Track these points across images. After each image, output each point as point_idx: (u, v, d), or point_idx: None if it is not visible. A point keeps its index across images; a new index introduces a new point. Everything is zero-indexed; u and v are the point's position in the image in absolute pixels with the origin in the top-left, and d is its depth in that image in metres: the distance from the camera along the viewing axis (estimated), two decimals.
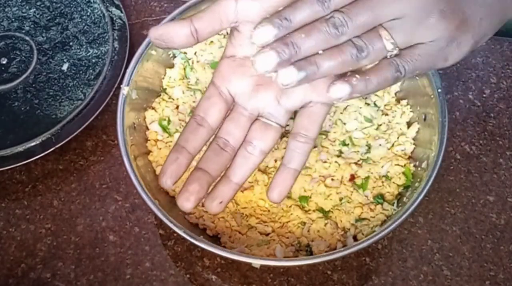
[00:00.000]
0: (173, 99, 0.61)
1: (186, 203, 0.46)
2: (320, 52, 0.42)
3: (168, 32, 0.44)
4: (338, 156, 0.58)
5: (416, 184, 0.55)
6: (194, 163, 0.48)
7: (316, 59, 0.42)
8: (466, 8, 0.43)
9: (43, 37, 0.69)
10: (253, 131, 0.48)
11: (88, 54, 0.68)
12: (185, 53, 0.63)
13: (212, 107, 0.48)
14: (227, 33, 0.63)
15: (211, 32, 0.45)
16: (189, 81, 0.62)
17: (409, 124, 0.60)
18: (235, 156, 0.48)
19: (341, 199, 0.56)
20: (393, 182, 0.57)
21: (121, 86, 0.57)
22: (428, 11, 0.42)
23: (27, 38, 0.69)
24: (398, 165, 0.57)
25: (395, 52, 0.43)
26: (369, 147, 0.59)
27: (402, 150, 0.59)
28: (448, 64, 0.45)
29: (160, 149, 0.59)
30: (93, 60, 0.67)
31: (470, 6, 0.44)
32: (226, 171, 0.48)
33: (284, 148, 0.58)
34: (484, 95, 0.66)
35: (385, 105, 0.61)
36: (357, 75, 0.42)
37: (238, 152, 0.48)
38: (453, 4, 0.43)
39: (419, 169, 0.56)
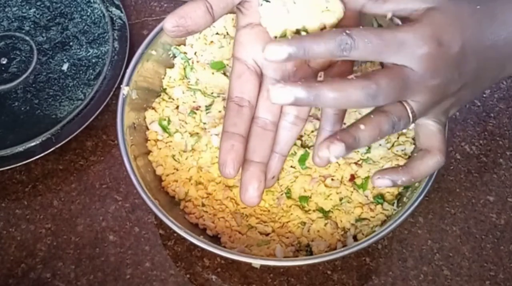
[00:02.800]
0: (173, 99, 0.61)
1: (253, 200, 0.47)
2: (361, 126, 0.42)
3: (186, 14, 0.43)
4: None
5: (416, 184, 0.55)
6: None
7: (358, 132, 0.42)
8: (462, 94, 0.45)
9: (43, 37, 0.69)
10: None
11: (88, 54, 0.68)
12: (185, 53, 0.63)
13: (246, 85, 0.47)
14: (227, 33, 0.63)
15: (224, 8, 0.45)
16: (189, 81, 0.62)
17: None
18: (277, 129, 0.48)
19: (341, 199, 0.56)
20: None
21: (121, 86, 0.57)
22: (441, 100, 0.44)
23: (27, 38, 0.69)
24: (398, 165, 0.57)
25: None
26: (369, 146, 0.59)
27: (402, 150, 0.59)
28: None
29: (160, 149, 0.59)
30: (93, 60, 0.67)
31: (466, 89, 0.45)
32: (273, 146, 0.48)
33: None
34: (484, 95, 0.66)
35: None
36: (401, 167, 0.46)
37: (279, 124, 0.48)
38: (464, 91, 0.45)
39: None
